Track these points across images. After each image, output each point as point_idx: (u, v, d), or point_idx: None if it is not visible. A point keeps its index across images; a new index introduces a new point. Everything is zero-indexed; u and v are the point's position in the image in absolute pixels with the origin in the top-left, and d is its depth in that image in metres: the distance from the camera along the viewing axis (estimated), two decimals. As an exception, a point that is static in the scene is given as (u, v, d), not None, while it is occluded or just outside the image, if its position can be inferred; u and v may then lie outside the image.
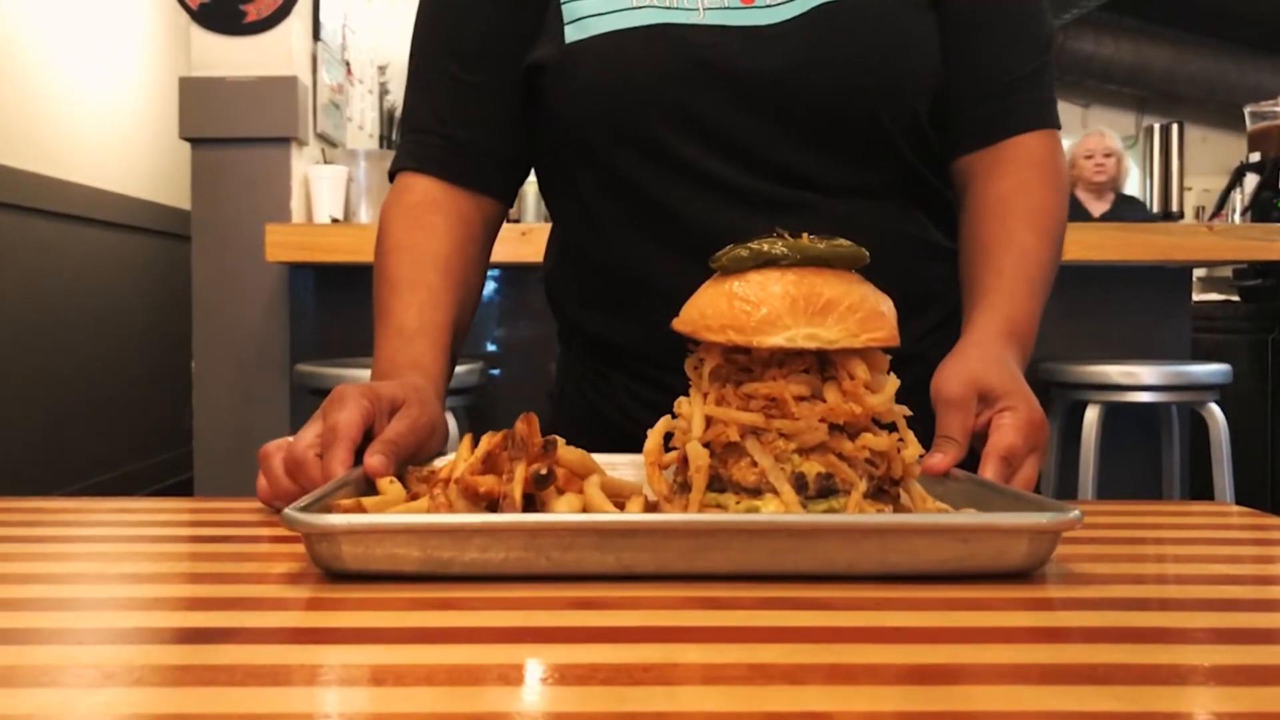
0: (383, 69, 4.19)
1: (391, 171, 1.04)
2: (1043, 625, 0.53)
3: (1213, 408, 2.71)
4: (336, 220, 2.95)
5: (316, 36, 3.11)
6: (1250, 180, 4.00)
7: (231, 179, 2.91)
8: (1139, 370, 2.64)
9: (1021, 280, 0.91)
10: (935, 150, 0.99)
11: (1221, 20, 7.89)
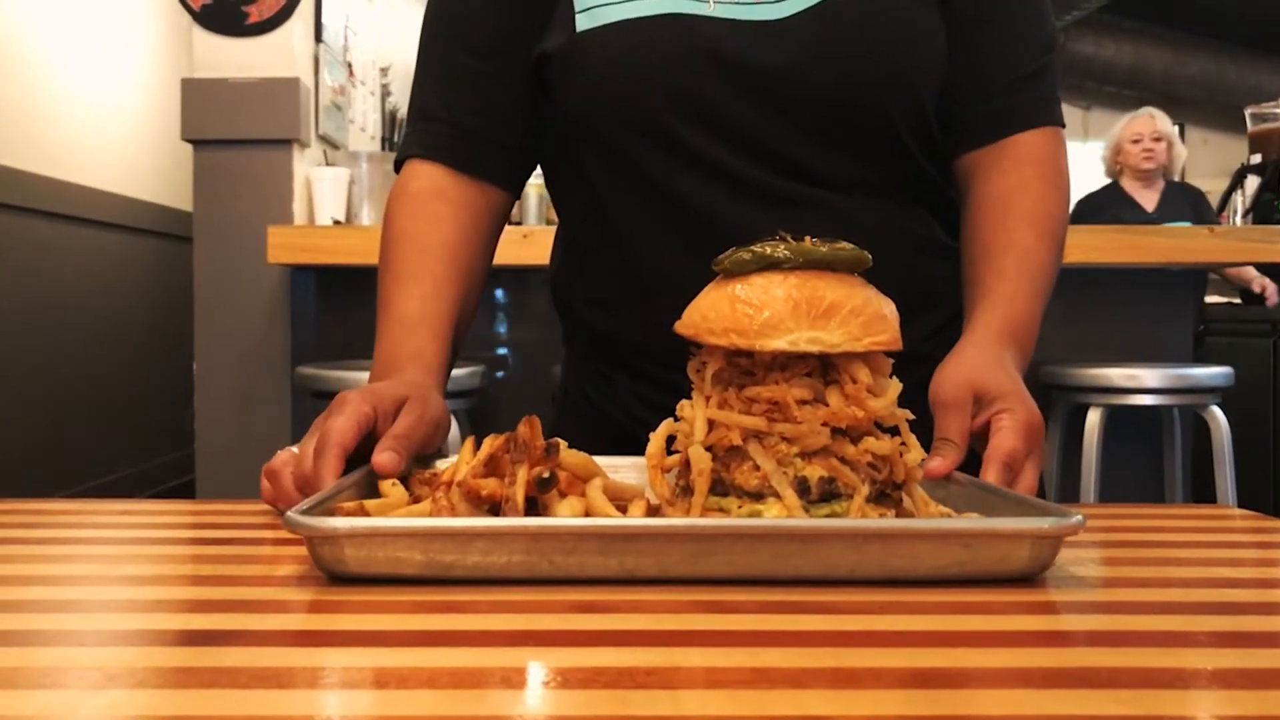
0: (385, 71, 4.19)
1: (398, 159, 1.04)
2: (1045, 629, 0.52)
3: (1215, 410, 2.70)
4: (338, 222, 2.95)
5: (318, 38, 3.11)
6: (1251, 182, 3.98)
7: (233, 180, 2.91)
8: (1141, 373, 2.64)
9: (1023, 281, 0.91)
10: (940, 148, 0.99)
11: (1221, 22, 7.89)
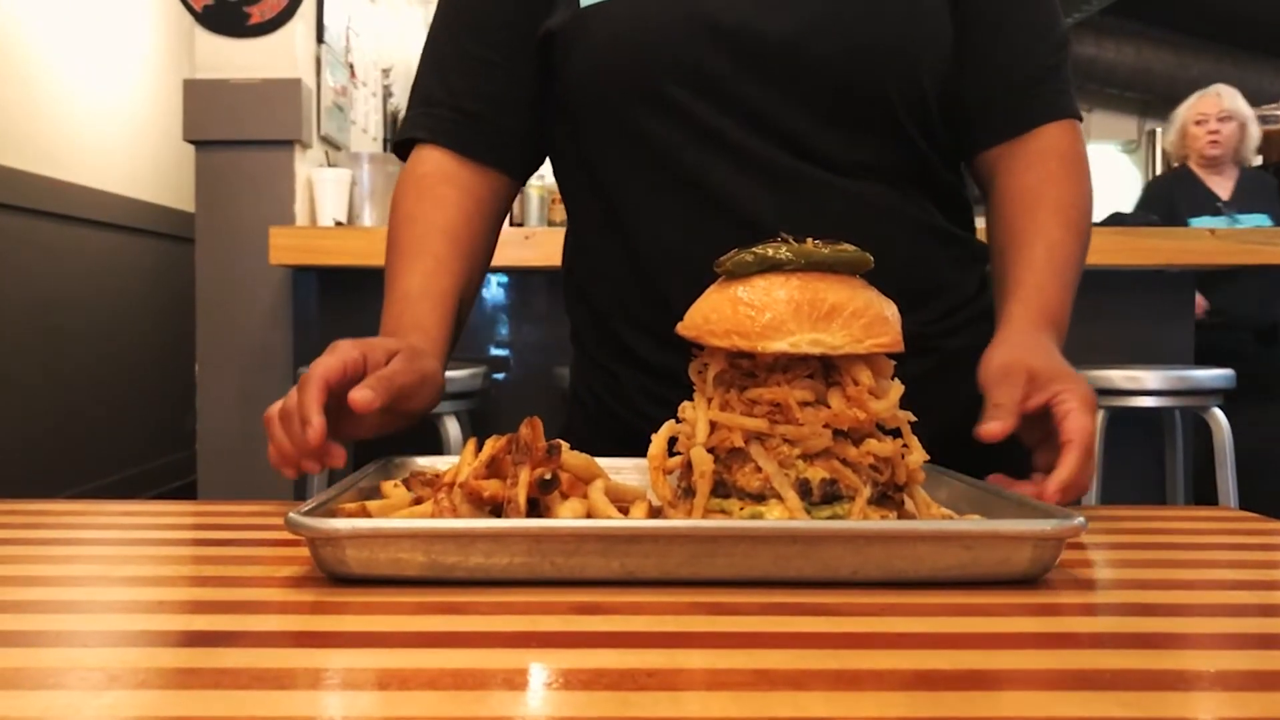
0: (386, 72, 4.19)
1: (398, 140, 1.05)
2: (1048, 631, 0.52)
3: (1216, 412, 2.70)
4: (340, 223, 2.95)
5: (320, 39, 3.11)
6: (1254, 183, 3.99)
7: (235, 181, 2.91)
8: (1142, 375, 2.64)
9: (1052, 272, 0.93)
10: (941, 138, 1.00)
11: (1223, 23, 7.88)
